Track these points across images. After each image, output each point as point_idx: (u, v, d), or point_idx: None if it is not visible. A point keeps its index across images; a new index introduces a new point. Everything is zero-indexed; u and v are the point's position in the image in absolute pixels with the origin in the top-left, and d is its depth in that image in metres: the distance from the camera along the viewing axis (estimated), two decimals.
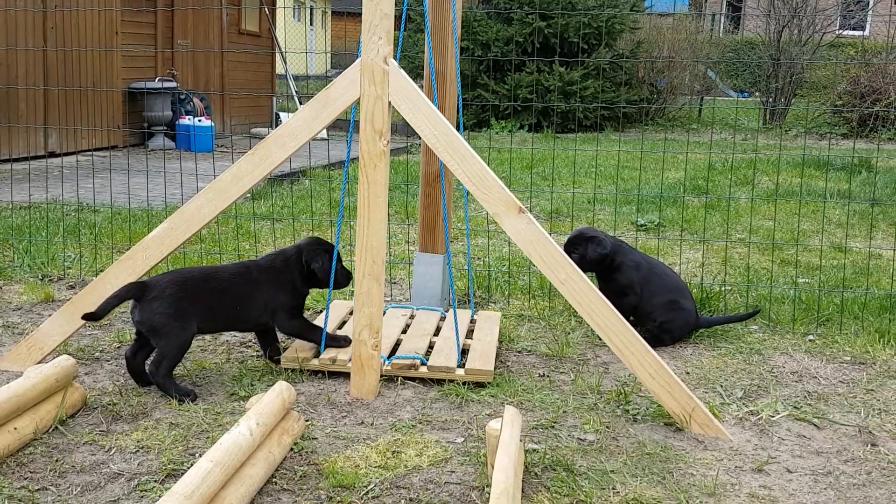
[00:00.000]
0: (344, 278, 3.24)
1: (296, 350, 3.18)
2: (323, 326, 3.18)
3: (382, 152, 2.83)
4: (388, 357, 3.13)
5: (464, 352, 3.26)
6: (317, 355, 3.15)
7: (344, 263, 3.30)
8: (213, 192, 2.86)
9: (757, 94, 16.10)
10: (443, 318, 3.63)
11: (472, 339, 3.39)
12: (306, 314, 3.41)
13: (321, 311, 3.60)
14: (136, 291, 2.84)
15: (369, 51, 2.77)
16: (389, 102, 2.82)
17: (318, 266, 3.11)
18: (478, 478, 2.39)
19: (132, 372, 2.94)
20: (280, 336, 3.26)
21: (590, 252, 3.57)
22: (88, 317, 2.85)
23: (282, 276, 3.12)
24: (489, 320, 3.62)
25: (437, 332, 3.49)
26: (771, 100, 15.08)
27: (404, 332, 3.47)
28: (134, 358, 2.92)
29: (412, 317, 3.65)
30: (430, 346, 3.30)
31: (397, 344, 3.32)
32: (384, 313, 3.66)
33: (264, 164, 2.83)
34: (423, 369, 3.08)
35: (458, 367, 3.10)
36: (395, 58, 3.29)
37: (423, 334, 3.40)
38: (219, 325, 3.09)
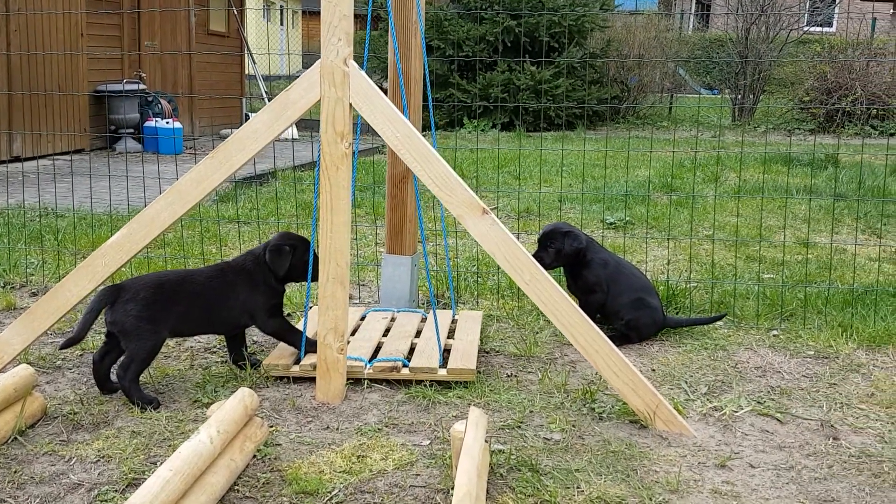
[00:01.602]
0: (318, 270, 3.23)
1: (276, 357, 3.15)
2: (303, 331, 3.15)
3: (344, 154, 2.81)
4: (370, 360, 3.12)
5: (446, 351, 3.26)
6: (297, 361, 3.13)
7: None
8: (172, 196, 2.82)
9: (727, 91, 16.26)
10: (424, 320, 3.63)
11: (454, 338, 3.40)
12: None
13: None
14: (110, 295, 2.82)
15: (329, 52, 2.75)
16: (350, 104, 2.80)
17: (273, 258, 3.07)
18: (443, 480, 2.38)
19: (97, 377, 2.90)
20: (252, 342, 3.23)
21: (566, 246, 3.61)
22: (68, 344, 2.82)
23: (255, 275, 3.09)
24: (470, 320, 3.64)
25: (418, 333, 3.48)
26: (739, 97, 15.24)
27: (385, 334, 3.45)
28: (101, 361, 2.89)
29: (393, 319, 3.64)
30: (412, 348, 3.29)
31: (379, 347, 3.30)
32: (364, 317, 3.64)
33: (224, 166, 2.80)
34: (406, 371, 3.08)
35: (441, 367, 3.10)
36: (364, 59, 3.28)
37: (404, 336, 3.40)
38: (195, 329, 3.07)
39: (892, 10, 18.68)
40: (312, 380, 3.00)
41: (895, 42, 17.23)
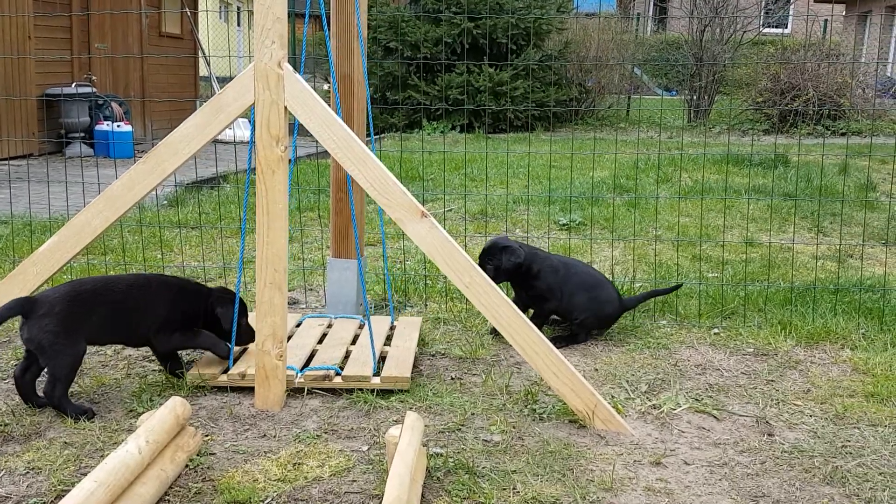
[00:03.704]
0: (247, 335, 3.14)
1: (204, 365, 3.10)
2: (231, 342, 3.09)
3: (280, 158, 2.78)
4: (302, 369, 3.07)
5: (382, 359, 3.22)
6: (226, 370, 3.08)
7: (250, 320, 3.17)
8: (103, 203, 2.77)
9: (685, 91, 16.48)
10: (362, 326, 3.57)
11: (390, 345, 3.35)
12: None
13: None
14: (23, 307, 2.72)
15: (262, 55, 2.72)
16: (286, 107, 2.78)
17: (222, 312, 3.04)
18: (379, 486, 2.37)
19: (22, 392, 2.82)
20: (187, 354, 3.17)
21: (504, 262, 3.58)
22: None
23: (185, 300, 3.03)
24: (409, 326, 3.59)
25: (354, 340, 3.43)
26: (695, 98, 15.46)
27: (320, 342, 3.40)
28: (23, 376, 2.80)
29: (329, 326, 3.59)
30: (347, 355, 3.25)
31: (313, 355, 3.25)
32: (300, 324, 3.60)
33: (156, 171, 2.76)
34: (338, 379, 3.03)
35: (374, 375, 3.06)
36: (302, 61, 3.25)
37: (339, 343, 3.35)
38: (112, 339, 2.99)
39: (843, 13, 19.11)
40: (251, 388, 2.96)
41: (846, 43, 17.64)
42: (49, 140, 9.19)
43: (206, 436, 2.63)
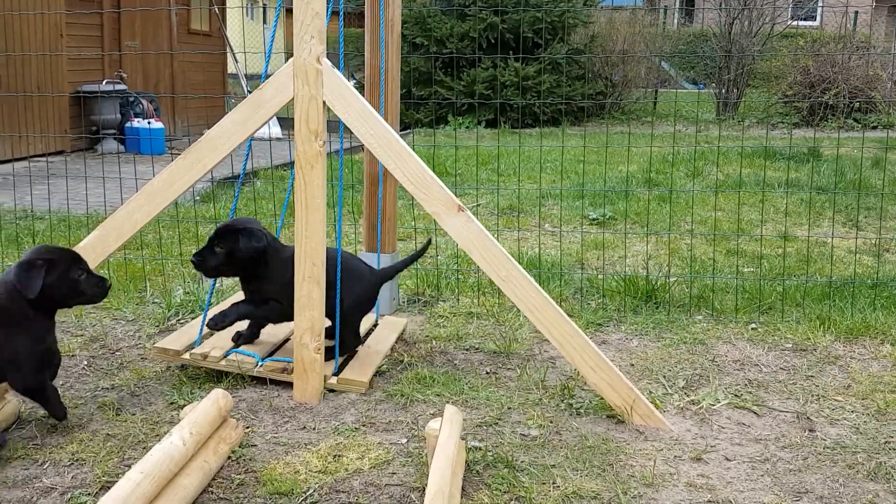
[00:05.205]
0: (93, 287, 2.59)
1: (169, 341, 3.09)
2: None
3: (318, 153, 2.79)
4: (264, 359, 3.04)
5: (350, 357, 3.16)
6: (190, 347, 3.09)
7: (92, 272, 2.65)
8: (144, 198, 2.80)
9: (713, 85, 16.32)
10: (375, 325, 3.50)
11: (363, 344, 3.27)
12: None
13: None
14: None
15: (302, 50, 2.74)
16: (324, 102, 2.79)
17: (22, 276, 2.44)
18: (419, 478, 2.37)
19: None
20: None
21: (242, 247, 2.93)
22: None
23: (10, 308, 2.45)
24: (389, 326, 3.51)
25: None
26: (723, 91, 15.30)
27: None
28: None
29: None
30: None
31: (281, 346, 3.20)
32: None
33: (197, 167, 2.78)
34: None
35: (334, 374, 3.00)
36: (340, 56, 3.26)
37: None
38: None
39: (873, 4, 18.80)
40: (290, 381, 2.97)
41: (877, 35, 17.34)
42: (82, 137, 9.31)
43: (247, 428, 2.66)
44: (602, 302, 4.04)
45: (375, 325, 3.54)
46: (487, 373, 3.21)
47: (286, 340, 3.25)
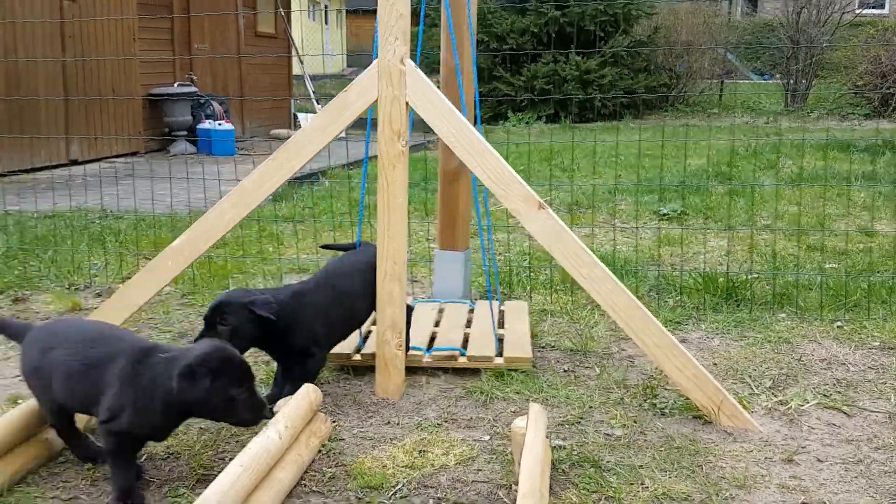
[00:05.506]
0: (247, 412, 2.19)
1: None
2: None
3: (401, 153, 2.83)
4: (428, 349, 3.20)
5: (499, 341, 3.31)
6: (358, 350, 3.24)
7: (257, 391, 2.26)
8: (236, 197, 2.87)
9: (778, 76, 15.89)
10: (471, 311, 3.68)
11: (504, 328, 3.46)
12: None
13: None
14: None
15: (386, 52, 2.77)
16: (407, 103, 2.82)
17: (186, 386, 2.11)
18: (505, 476, 2.39)
19: None
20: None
21: (248, 320, 2.63)
22: None
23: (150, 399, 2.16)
24: (517, 309, 3.69)
25: (468, 323, 3.52)
26: (792, 82, 14.88)
27: (437, 325, 3.51)
28: None
29: (441, 311, 3.69)
30: (465, 338, 3.34)
31: (433, 337, 3.37)
32: (413, 308, 3.68)
33: (285, 168, 2.85)
34: (463, 360, 3.15)
35: (497, 355, 3.16)
36: (416, 56, 3.29)
37: (456, 326, 3.46)
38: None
39: None
40: (372, 375, 3.03)
41: None
42: (154, 138, 9.60)
43: (334, 422, 2.71)
44: (680, 300, 3.98)
45: (502, 311, 3.67)
46: (565, 371, 3.20)
47: (433, 334, 3.39)
